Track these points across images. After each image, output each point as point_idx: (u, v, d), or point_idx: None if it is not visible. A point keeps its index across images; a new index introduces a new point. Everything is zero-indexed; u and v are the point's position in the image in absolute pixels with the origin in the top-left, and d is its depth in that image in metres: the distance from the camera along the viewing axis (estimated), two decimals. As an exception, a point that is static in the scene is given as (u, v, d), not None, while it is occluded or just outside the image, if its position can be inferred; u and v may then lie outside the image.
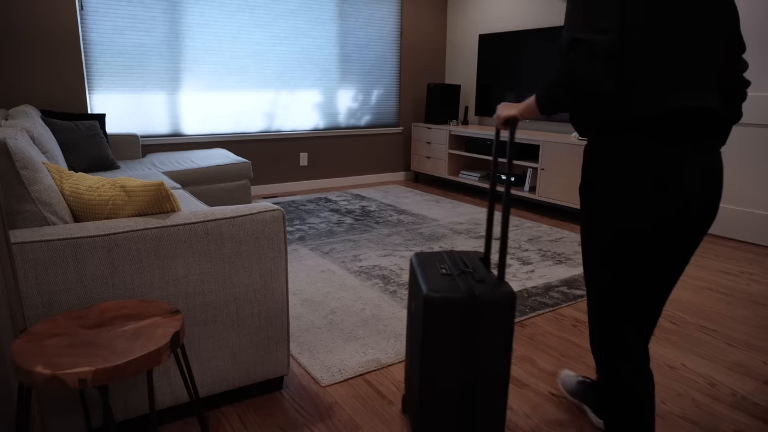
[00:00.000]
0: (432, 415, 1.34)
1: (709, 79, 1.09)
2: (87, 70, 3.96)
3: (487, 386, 1.34)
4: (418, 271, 1.42)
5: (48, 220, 1.36)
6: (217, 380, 1.59)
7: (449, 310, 1.27)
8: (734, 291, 2.72)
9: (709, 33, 1.09)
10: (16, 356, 1.01)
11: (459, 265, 1.45)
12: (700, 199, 1.11)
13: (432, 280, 1.34)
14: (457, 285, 1.32)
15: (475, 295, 1.28)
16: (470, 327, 1.29)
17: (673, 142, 1.09)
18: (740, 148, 3.54)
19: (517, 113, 1.33)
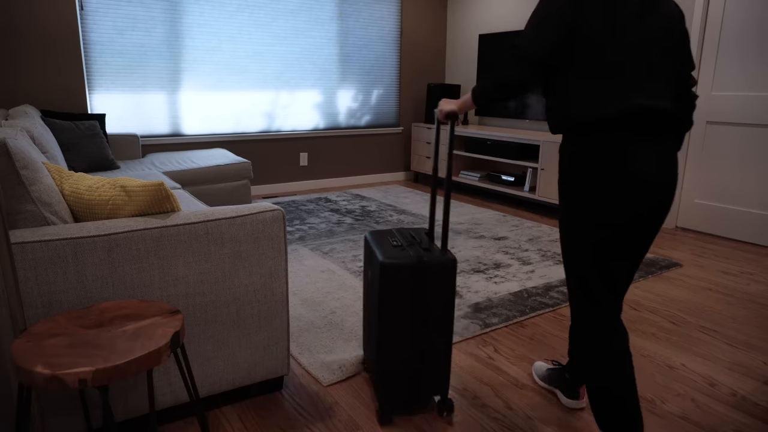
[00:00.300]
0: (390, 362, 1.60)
1: (662, 87, 1.27)
2: (87, 70, 3.96)
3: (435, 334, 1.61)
4: (373, 244, 1.66)
5: (48, 220, 1.36)
6: (217, 380, 1.59)
7: (402, 274, 1.52)
8: (734, 291, 2.72)
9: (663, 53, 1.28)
10: (16, 356, 1.01)
11: (407, 238, 1.71)
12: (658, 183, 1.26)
13: (386, 251, 1.59)
14: (408, 253, 1.57)
15: (423, 261, 1.54)
16: (420, 287, 1.55)
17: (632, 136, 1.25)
18: (740, 148, 3.54)
19: (456, 108, 1.56)
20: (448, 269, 1.56)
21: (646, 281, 2.83)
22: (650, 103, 1.24)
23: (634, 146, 1.24)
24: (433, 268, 1.55)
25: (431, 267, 1.55)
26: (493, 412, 1.67)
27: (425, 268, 1.54)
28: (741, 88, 3.50)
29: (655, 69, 1.27)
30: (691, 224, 3.86)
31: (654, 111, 1.25)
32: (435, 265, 1.55)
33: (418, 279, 1.54)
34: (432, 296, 1.57)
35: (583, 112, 1.27)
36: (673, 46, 1.31)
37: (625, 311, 2.44)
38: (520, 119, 4.96)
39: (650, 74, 1.26)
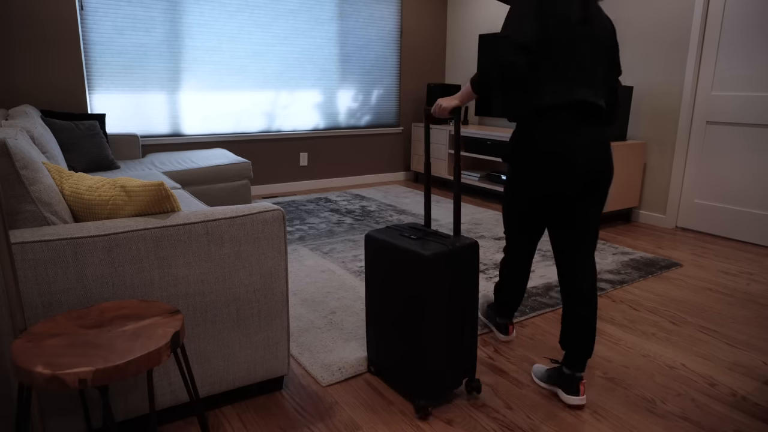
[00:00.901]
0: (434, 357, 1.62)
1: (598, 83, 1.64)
2: (87, 70, 3.96)
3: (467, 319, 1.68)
4: (387, 242, 1.66)
5: (48, 220, 1.36)
6: (217, 380, 1.59)
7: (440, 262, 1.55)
8: (734, 291, 2.72)
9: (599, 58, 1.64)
10: (16, 356, 1.01)
11: (417, 233, 1.71)
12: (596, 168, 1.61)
13: (413, 245, 1.59)
14: (436, 244, 1.59)
15: (456, 247, 1.60)
16: (455, 274, 1.60)
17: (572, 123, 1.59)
18: (740, 148, 3.54)
19: (458, 102, 1.73)
20: (475, 251, 1.65)
21: (646, 281, 2.83)
22: (585, 98, 1.60)
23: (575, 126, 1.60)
24: (464, 253, 1.61)
25: (463, 252, 1.60)
26: (493, 412, 1.67)
27: (458, 255, 1.59)
28: (741, 88, 3.50)
29: (589, 72, 1.62)
30: (691, 224, 3.86)
31: (587, 103, 1.61)
32: (465, 250, 1.60)
33: (453, 266, 1.59)
34: (463, 281, 1.63)
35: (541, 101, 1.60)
36: (604, 56, 1.67)
37: (625, 311, 2.44)
38: (520, 119, 4.95)
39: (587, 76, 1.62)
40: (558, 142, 1.58)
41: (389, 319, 1.70)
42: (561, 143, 1.58)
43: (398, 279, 1.62)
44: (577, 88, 1.59)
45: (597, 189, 1.64)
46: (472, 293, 1.65)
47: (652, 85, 3.94)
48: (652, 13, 3.89)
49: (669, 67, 3.83)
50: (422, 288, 1.54)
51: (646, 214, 4.10)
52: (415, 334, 1.60)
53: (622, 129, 3.93)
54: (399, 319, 1.66)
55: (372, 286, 1.76)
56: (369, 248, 1.74)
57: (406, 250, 1.58)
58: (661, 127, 3.94)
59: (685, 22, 3.71)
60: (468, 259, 1.62)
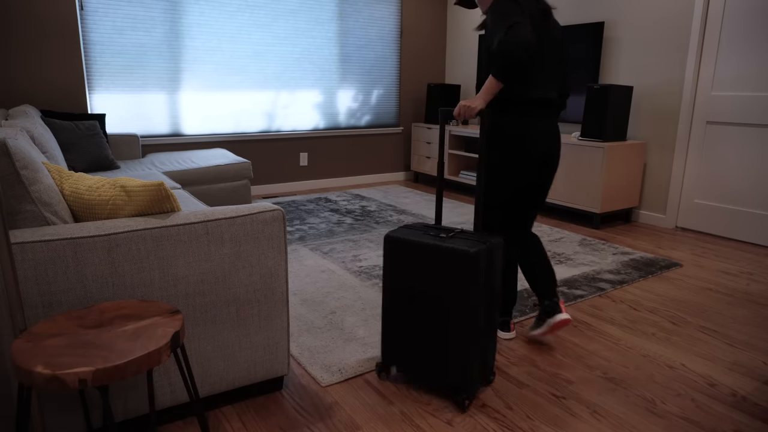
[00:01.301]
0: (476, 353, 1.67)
1: (559, 82, 1.98)
2: (87, 70, 3.96)
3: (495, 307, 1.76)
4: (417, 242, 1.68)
5: (48, 220, 1.36)
6: (217, 380, 1.59)
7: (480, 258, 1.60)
8: (734, 291, 2.72)
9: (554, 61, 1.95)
10: (16, 356, 1.01)
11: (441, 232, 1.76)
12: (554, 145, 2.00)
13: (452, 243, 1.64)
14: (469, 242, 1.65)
15: (491, 243, 1.67)
16: (489, 265, 1.66)
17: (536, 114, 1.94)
18: (740, 148, 3.54)
19: (483, 103, 1.84)
20: (502, 246, 1.75)
21: (646, 281, 2.83)
22: (551, 95, 1.94)
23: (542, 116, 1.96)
24: (497, 249, 1.70)
25: (496, 249, 1.69)
26: (493, 412, 1.67)
27: (491, 251, 1.66)
28: (741, 88, 3.50)
29: (553, 72, 1.96)
30: (691, 224, 3.86)
31: (551, 99, 1.95)
32: (497, 246, 1.70)
33: (488, 262, 1.65)
34: (495, 277, 1.71)
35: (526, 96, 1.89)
36: (560, 60, 1.99)
37: (625, 311, 2.44)
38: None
39: (552, 74, 1.95)
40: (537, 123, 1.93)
41: (421, 319, 1.71)
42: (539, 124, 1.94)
43: (435, 278, 1.65)
44: (546, 85, 1.92)
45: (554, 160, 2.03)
46: (498, 289, 1.75)
47: (652, 85, 3.94)
48: (652, 13, 3.89)
49: (669, 67, 3.83)
50: (468, 284, 1.60)
51: (646, 214, 4.10)
52: (458, 330, 1.65)
53: (622, 129, 3.93)
54: (435, 317, 1.68)
55: (395, 288, 1.74)
56: (391, 249, 1.73)
57: (447, 248, 1.62)
58: (661, 127, 3.94)
59: (685, 21, 3.71)
60: (499, 255, 1.72)
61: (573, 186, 3.98)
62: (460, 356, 1.66)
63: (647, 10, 3.91)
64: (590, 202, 3.88)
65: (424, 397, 1.75)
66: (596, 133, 3.87)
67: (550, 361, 1.99)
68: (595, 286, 2.72)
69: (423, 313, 1.70)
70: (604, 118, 3.80)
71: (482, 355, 1.70)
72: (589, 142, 3.86)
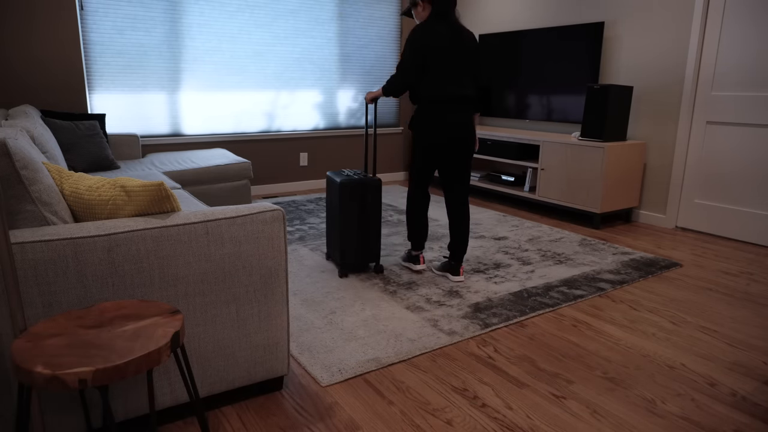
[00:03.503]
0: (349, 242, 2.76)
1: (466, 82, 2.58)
2: (87, 70, 3.96)
3: (372, 225, 2.78)
4: (334, 177, 2.77)
5: (48, 220, 1.36)
6: (217, 380, 1.59)
7: (354, 188, 2.70)
8: (734, 291, 2.72)
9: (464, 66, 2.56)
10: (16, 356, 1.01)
11: (352, 174, 2.81)
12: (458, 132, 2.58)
13: (344, 178, 2.71)
14: (355, 178, 2.70)
15: (365, 180, 2.72)
16: (363, 196, 2.72)
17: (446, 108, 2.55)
18: (740, 148, 3.54)
19: (378, 95, 2.75)
20: (378, 185, 2.76)
21: (646, 281, 2.83)
22: (457, 91, 2.54)
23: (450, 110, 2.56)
24: (370, 184, 2.73)
25: (368, 183, 2.73)
26: (493, 412, 1.67)
27: (364, 184, 2.72)
28: (741, 88, 3.50)
29: (458, 74, 2.55)
30: (691, 224, 3.86)
31: (458, 95, 2.55)
32: (370, 182, 2.73)
33: (361, 191, 2.72)
34: (370, 202, 2.75)
35: (430, 93, 2.54)
36: (470, 63, 2.59)
37: (625, 311, 2.44)
38: (520, 119, 4.96)
39: (457, 77, 2.55)
40: (439, 116, 2.56)
41: (332, 224, 2.85)
42: (440, 117, 2.56)
43: (335, 198, 2.75)
44: (451, 86, 2.54)
45: (460, 145, 2.60)
46: (375, 211, 2.77)
47: (652, 85, 3.94)
48: (651, 13, 3.89)
49: (669, 66, 3.83)
50: (346, 201, 2.70)
51: (646, 214, 4.10)
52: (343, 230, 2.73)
53: (622, 129, 3.93)
54: (335, 222, 2.79)
55: (327, 206, 2.90)
56: (327, 184, 2.86)
57: (337, 181, 2.71)
58: (661, 127, 3.94)
59: (685, 21, 3.71)
60: (373, 188, 2.73)
61: (573, 186, 3.98)
62: (344, 246, 2.74)
63: (647, 10, 3.91)
64: (590, 202, 3.88)
65: (424, 397, 1.75)
66: (596, 133, 3.87)
67: (550, 361, 1.99)
68: (595, 286, 2.72)
69: (332, 221, 2.83)
70: (604, 118, 3.80)
71: (358, 247, 2.77)
72: (589, 142, 3.86)
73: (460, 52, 2.53)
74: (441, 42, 2.48)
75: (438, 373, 1.90)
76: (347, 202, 2.68)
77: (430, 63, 2.50)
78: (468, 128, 2.58)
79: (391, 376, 1.87)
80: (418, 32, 2.50)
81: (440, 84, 2.51)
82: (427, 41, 2.47)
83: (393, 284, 2.68)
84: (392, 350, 2.03)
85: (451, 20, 2.53)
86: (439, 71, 2.50)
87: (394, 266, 2.95)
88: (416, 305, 2.44)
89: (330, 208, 2.84)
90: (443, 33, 2.49)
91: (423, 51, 2.49)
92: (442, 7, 2.53)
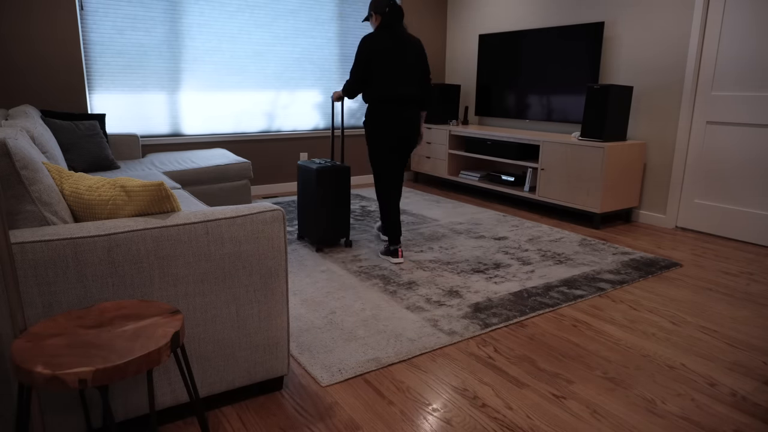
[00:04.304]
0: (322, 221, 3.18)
1: (411, 83, 2.93)
2: (87, 70, 3.96)
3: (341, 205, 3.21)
4: (307, 165, 3.19)
5: (48, 220, 1.36)
6: (217, 380, 1.59)
7: (329, 174, 3.12)
8: (734, 291, 2.72)
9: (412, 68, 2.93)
10: (16, 356, 1.01)
11: (323, 162, 3.21)
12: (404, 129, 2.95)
13: (318, 165, 3.11)
14: (329, 166, 3.12)
15: (337, 167, 3.14)
16: (333, 181, 3.14)
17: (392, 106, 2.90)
18: (740, 148, 3.54)
19: (341, 95, 3.19)
20: (347, 171, 3.20)
21: (646, 281, 2.83)
22: (402, 91, 2.92)
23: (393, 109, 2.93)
24: (339, 171, 3.16)
25: (337, 170, 3.15)
26: (493, 412, 1.67)
27: (333, 170, 3.14)
28: (741, 88, 3.50)
29: (404, 77, 2.93)
30: (691, 224, 3.86)
31: (402, 95, 2.92)
32: (339, 169, 3.16)
33: (330, 177, 3.13)
34: (341, 186, 3.17)
35: (378, 94, 2.91)
36: (415, 66, 2.96)
37: (625, 311, 2.44)
38: (520, 119, 4.96)
39: (402, 79, 2.92)
40: (385, 113, 2.93)
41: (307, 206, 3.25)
42: (387, 114, 2.93)
43: (305, 184, 3.22)
44: (396, 87, 2.92)
45: (408, 140, 3.01)
46: (343, 193, 3.19)
47: (652, 85, 3.94)
48: (651, 13, 3.89)
49: (669, 66, 3.83)
50: (316, 186, 3.10)
51: (646, 214, 4.10)
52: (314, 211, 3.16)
53: (622, 129, 3.93)
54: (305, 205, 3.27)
55: (300, 190, 3.32)
56: (300, 171, 3.27)
57: (310, 168, 3.15)
58: (661, 127, 3.94)
59: (685, 22, 3.71)
60: (341, 174, 3.16)
61: (573, 186, 3.98)
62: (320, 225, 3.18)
63: (647, 10, 3.91)
64: (590, 202, 3.88)
65: (424, 397, 1.75)
66: (596, 133, 3.87)
67: (550, 361, 1.99)
68: (595, 286, 2.72)
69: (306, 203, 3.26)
70: (604, 118, 3.80)
71: (332, 225, 3.21)
72: (589, 142, 3.86)
73: (405, 58, 2.90)
74: (385, 49, 2.87)
75: (438, 373, 1.90)
76: (323, 186, 3.08)
77: (376, 67, 2.88)
78: (412, 123, 2.98)
79: (391, 376, 1.87)
80: (366, 41, 2.88)
81: (386, 85, 2.89)
82: (372, 47, 2.87)
83: (393, 284, 2.68)
84: (392, 350, 2.03)
85: (397, 30, 2.92)
86: (384, 74, 2.88)
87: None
88: (416, 305, 2.44)
89: (304, 192, 3.23)
90: (388, 41, 2.88)
91: (368, 56, 2.87)
92: (389, 19, 2.94)
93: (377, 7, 2.96)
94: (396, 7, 2.95)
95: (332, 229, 3.19)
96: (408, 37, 2.94)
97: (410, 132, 2.97)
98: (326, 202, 3.11)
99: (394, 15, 2.95)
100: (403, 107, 2.93)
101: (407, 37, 2.94)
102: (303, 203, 3.25)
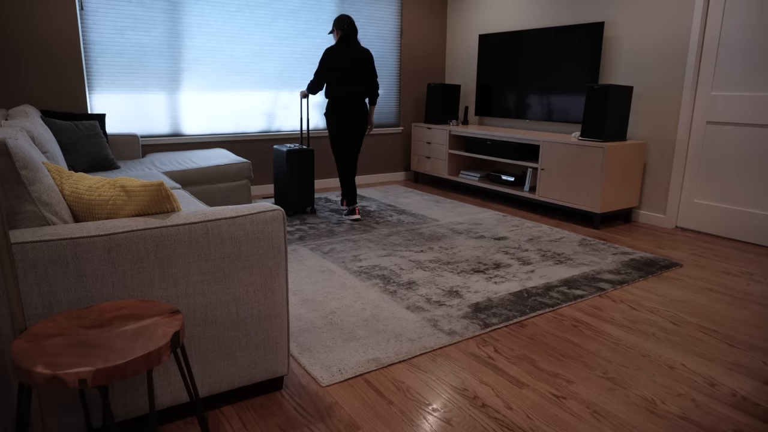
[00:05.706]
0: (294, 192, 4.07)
1: (361, 84, 3.91)
2: (87, 70, 3.96)
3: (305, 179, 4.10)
4: (281, 149, 4.11)
5: (48, 220, 1.36)
6: (217, 380, 1.59)
7: (299, 155, 4.04)
8: (734, 291, 2.72)
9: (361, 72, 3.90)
10: (16, 356, 1.01)
11: (294, 147, 4.05)
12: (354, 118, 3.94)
13: (288, 149, 3.99)
14: (297, 149, 4.01)
15: (304, 149, 4.05)
16: (304, 161, 4.07)
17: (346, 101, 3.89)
18: (740, 148, 3.54)
19: (306, 92, 4.01)
20: (311, 154, 4.05)
21: (646, 281, 2.83)
22: (353, 90, 3.85)
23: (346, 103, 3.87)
24: (304, 153, 4.03)
25: (302, 153, 4.02)
26: (493, 412, 1.67)
27: (301, 153, 4.01)
28: (741, 88, 3.50)
29: (355, 78, 3.84)
30: (691, 224, 3.86)
31: (353, 92, 3.86)
32: (304, 152, 4.03)
33: (298, 158, 4.00)
34: (307, 165, 4.04)
35: (335, 92, 3.84)
36: (365, 71, 3.88)
37: (625, 311, 2.44)
38: (520, 119, 4.96)
39: (354, 80, 3.84)
40: (340, 106, 3.85)
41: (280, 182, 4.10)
42: (341, 107, 3.85)
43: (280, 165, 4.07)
44: (348, 87, 3.81)
45: (355, 125, 3.93)
46: (309, 171, 4.05)
47: (652, 86, 3.94)
48: (652, 13, 3.89)
49: (669, 66, 3.83)
50: (287, 166, 3.97)
51: (646, 214, 4.10)
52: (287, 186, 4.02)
53: (622, 129, 3.93)
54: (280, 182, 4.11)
55: (276, 169, 4.14)
56: (275, 153, 4.15)
57: (284, 149, 3.99)
58: (661, 127, 3.94)
59: (685, 21, 3.71)
60: (307, 156, 4.03)
61: (573, 186, 3.98)
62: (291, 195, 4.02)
63: (647, 10, 3.91)
64: (590, 202, 3.88)
65: (424, 397, 1.75)
66: (596, 133, 3.87)
67: (550, 361, 1.99)
68: (595, 286, 2.72)
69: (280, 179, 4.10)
70: (604, 118, 3.80)
71: (301, 195, 4.05)
72: (589, 142, 3.86)
73: (356, 65, 3.83)
74: (342, 58, 3.78)
75: (438, 373, 1.90)
76: (293, 165, 3.96)
77: (334, 72, 3.78)
78: (361, 113, 3.92)
79: (391, 376, 1.87)
80: (328, 52, 3.77)
81: (341, 86, 3.81)
82: (332, 56, 3.77)
83: (393, 284, 2.68)
84: (392, 350, 2.03)
85: (353, 44, 3.81)
86: (340, 78, 3.80)
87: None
88: (416, 305, 2.44)
89: (278, 171, 4.11)
90: (345, 52, 3.78)
91: (329, 64, 3.77)
92: (346, 34, 3.81)
93: (339, 25, 3.80)
94: (353, 26, 3.82)
95: (301, 199, 4.06)
96: (361, 48, 3.86)
97: (359, 118, 3.91)
98: (296, 178, 3.99)
99: (350, 31, 3.81)
100: (354, 102, 3.86)
101: (360, 49, 3.85)
102: (277, 179, 4.13)
